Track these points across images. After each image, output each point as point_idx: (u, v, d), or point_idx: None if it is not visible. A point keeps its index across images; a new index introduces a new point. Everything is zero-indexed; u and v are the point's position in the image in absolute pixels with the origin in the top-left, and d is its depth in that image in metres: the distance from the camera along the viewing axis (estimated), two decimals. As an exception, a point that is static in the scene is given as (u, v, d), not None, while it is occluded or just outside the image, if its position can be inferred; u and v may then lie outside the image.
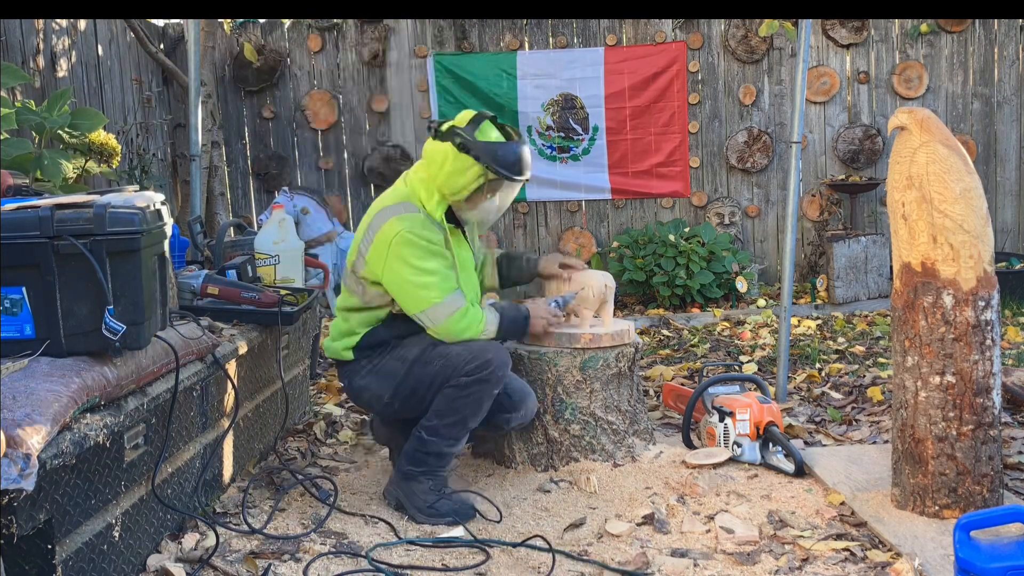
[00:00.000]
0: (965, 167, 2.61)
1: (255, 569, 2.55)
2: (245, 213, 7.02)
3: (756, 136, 6.90)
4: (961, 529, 2.21)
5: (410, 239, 2.89)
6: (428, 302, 2.91)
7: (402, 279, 2.91)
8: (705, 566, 2.55)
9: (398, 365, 3.01)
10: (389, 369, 3.03)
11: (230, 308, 3.32)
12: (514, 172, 2.96)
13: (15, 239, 2.13)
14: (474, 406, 2.93)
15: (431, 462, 2.97)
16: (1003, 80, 6.87)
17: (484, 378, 2.89)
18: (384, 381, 3.04)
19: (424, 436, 2.96)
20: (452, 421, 2.93)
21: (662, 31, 6.81)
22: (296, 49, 6.95)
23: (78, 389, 2.05)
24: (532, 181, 6.88)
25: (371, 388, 3.07)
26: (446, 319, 2.92)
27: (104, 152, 3.80)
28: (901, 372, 2.72)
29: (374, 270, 2.96)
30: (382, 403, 3.08)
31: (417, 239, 2.89)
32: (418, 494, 2.96)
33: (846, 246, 6.19)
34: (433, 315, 2.92)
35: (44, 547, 1.99)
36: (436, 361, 2.95)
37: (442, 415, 2.94)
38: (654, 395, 4.31)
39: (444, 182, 2.96)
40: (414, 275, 2.90)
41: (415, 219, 2.93)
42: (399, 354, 3.03)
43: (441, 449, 2.96)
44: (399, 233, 2.89)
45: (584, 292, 3.27)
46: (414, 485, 2.97)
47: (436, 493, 2.96)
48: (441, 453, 2.97)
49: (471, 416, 2.95)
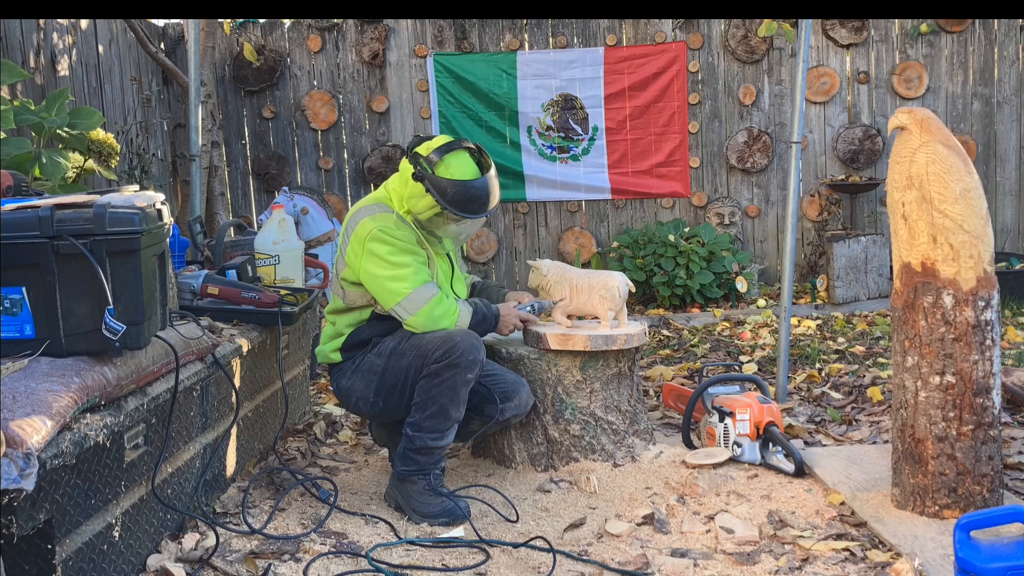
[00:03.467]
0: (965, 167, 2.61)
1: (255, 569, 2.55)
2: (245, 213, 7.02)
3: (756, 136, 6.90)
4: (961, 529, 2.21)
5: (381, 236, 2.98)
6: (401, 294, 2.97)
7: (376, 275, 2.99)
8: (705, 566, 2.55)
9: (377, 361, 3.07)
10: (370, 366, 3.08)
11: (230, 308, 3.32)
12: (463, 211, 3.02)
13: (15, 239, 2.13)
14: (450, 393, 2.92)
15: (420, 460, 2.97)
16: (1003, 80, 6.87)
17: (453, 362, 2.91)
18: (367, 379, 3.08)
19: (409, 432, 2.98)
20: (431, 412, 2.94)
21: (662, 31, 6.81)
22: (296, 49, 6.95)
23: (78, 389, 2.05)
24: (532, 181, 6.90)
25: (357, 388, 3.11)
26: (420, 308, 2.98)
27: (104, 152, 3.80)
28: (901, 372, 2.72)
29: (353, 269, 3.05)
30: (368, 403, 3.11)
31: (388, 236, 2.99)
32: (413, 495, 2.97)
33: (846, 246, 6.19)
34: (408, 305, 2.98)
35: (44, 547, 1.99)
36: (409, 352, 3.00)
37: (422, 407, 2.95)
38: (654, 395, 4.31)
39: (406, 201, 3.08)
40: (387, 269, 2.97)
41: (387, 218, 3.03)
42: (378, 350, 3.09)
43: (426, 443, 2.95)
44: (371, 231, 2.99)
45: (607, 293, 3.27)
46: (409, 486, 2.99)
47: (431, 492, 2.96)
48: (427, 448, 2.96)
49: (450, 404, 2.94)
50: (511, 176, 6.88)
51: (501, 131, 6.87)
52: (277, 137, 7.04)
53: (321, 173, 7.06)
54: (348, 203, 7.05)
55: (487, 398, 3.10)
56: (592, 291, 3.28)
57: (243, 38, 6.81)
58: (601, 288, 3.27)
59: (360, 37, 6.89)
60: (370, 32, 6.86)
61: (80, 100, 5.08)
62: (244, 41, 6.63)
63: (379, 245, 2.98)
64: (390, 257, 2.97)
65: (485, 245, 7.04)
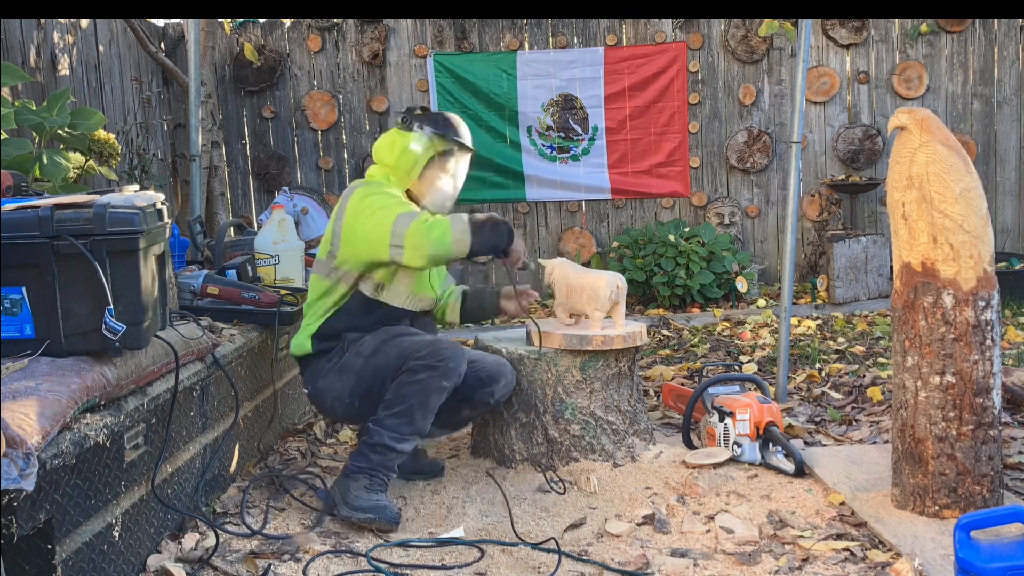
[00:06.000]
0: (965, 167, 2.61)
1: (255, 569, 2.55)
2: (245, 213, 7.02)
3: (756, 136, 6.90)
4: (961, 529, 2.21)
5: (372, 191, 3.04)
6: (389, 220, 2.90)
7: (367, 219, 2.95)
8: (705, 566, 2.55)
9: (356, 361, 3.03)
10: (348, 366, 3.04)
11: (230, 308, 3.32)
12: (458, 136, 3.16)
13: (15, 239, 2.13)
14: (421, 395, 2.87)
15: (373, 458, 2.88)
16: (1003, 80, 6.87)
17: (433, 365, 2.88)
18: (343, 379, 3.03)
19: (371, 427, 2.92)
20: (398, 410, 2.88)
21: (662, 31, 6.81)
22: (296, 49, 6.95)
23: (78, 389, 2.05)
24: (532, 181, 6.90)
25: (333, 388, 3.05)
26: (408, 228, 2.86)
27: (104, 152, 3.80)
28: (901, 372, 2.72)
29: (349, 237, 3.01)
30: (344, 404, 3.06)
31: (379, 190, 3.04)
32: (351, 488, 2.87)
33: (846, 246, 6.19)
34: (397, 231, 2.87)
35: (44, 547, 1.99)
36: (391, 351, 2.97)
37: (390, 404, 2.91)
38: (654, 395, 4.31)
39: (396, 163, 3.11)
40: (376, 209, 2.95)
41: (379, 184, 3.09)
42: (356, 350, 3.04)
43: (384, 441, 2.87)
44: (363, 192, 3.03)
45: (593, 294, 3.27)
46: (351, 481, 2.89)
47: (369, 490, 2.87)
48: (383, 447, 2.87)
49: (418, 408, 2.88)
50: (511, 176, 6.88)
51: (501, 131, 6.87)
52: (277, 137, 7.05)
53: (321, 173, 7.06)
54: (348, 203, 7.04)
55: (474, 385, 3.09)
56: (582, 291, 3.30)
57: (243, 38, 6.81)
58: (589, 288, 3.28)
59: (360, 37, 6.89)
60: (370, 32, 6.86)
61: (80, 100, 5.08)
62: (244, 41, 6.64)
63: (371, 198, 2.99)
64: (379, 200, 2.97)
65: (485, 245, 7.03)
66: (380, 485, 2.89)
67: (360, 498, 2.85)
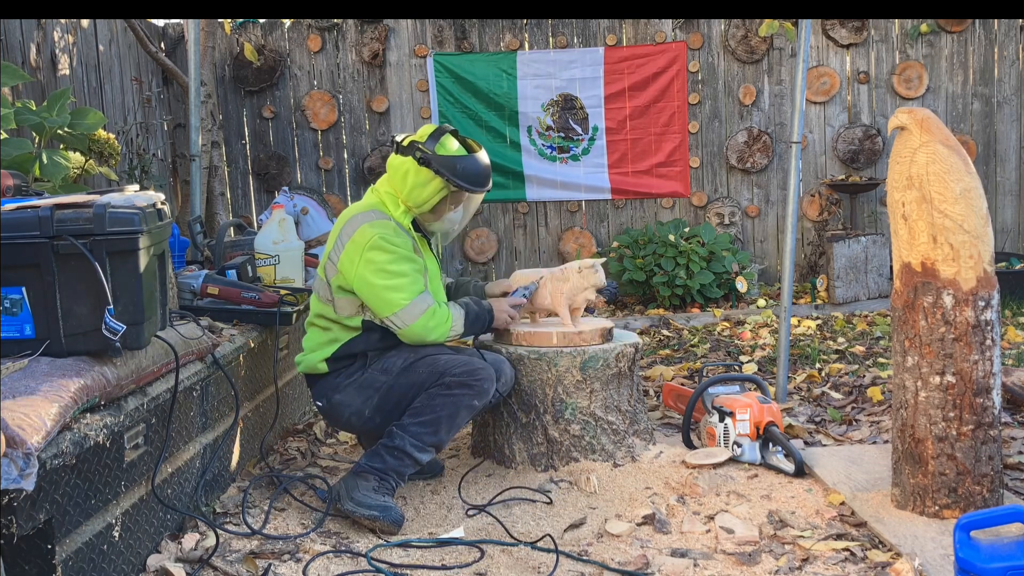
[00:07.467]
0: (965, 167, 2.61)
1: (255, 569, 2.55)
2: (245, 213, 7.02)
3: (756, 136, 6.90)
4: (961, 529, 2.21)
5: (382, 244, 2.96)
6: (398, 304, 2.96)
7: (372, 283, 2.96)
8: (705, 566, 2.55)
9: (382, 377, 3.02)
10: (370, 382, 3.03)
11: (230, 308, 3.32)
12: (474, 184, 3.06)
13: (15, 239, 2.13)
14: (451, 408, 2.92)
15: (388, 461, 2.90)
16: (1003, 80, 6.86)
17: (469, 383, 2.93)
18: (364, 395, 3.03)
19: (394, 430, 2.94)
20: (426, 419, 2.91)
21: (662, 31, 6.81)
22: (296, 49, 6.95)
23: (78, 389, 2.05)
24: (532, 181, 6.90)
25: (352, 404, 3.06)
26: (415, 320, 2.97)
27: (105, 152, 3.80)
28: (901, 372, 2.72)
29: (345, 276, 3.01)
30: (363, 418, 3.06)
31: (388, 244, 2.96)
32: (360, 487, 2.88)
33: (846, 246, 6.19)
34: (403, 316, 2.97)
35: (44, 547, 1.99)
36: (422, 369, 2.98)
37: (418, 412, 2.93)
38: (654, 395, 4.31)
39: (408, 195, 3.06)
40: (384, 279, 2.95)
41: (387, 225, 3.01)
42: (382, 367, 3.04)
43: (405, 446, 2.90)
44: (371, 239, 2.96)
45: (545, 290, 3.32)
46: (359, 480, 2.89)
47: (376, 492, 2.87)
48: (403, 452, 2.90)
49: (446, 420, 2.92)
50: (511, 176, 6.88)
51: (501, 131, 6.87)
52: (277, 137, 7.05)
53: (321, 173, 7.06)
54: (348, 203, 7.04)
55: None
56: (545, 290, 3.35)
57: (243, 38, 6.81)
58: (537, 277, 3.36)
59: (360, 37, 6.89)
60: (370, 32, 6.86)
61: (80, 100, 5.08)
62: (244, 41, 6.63)
63: (378, 253, 2.95)
64: (389, 266, 2.95)
65: (485, 245, 7.04)
66: (388, 489, 2.91)
67: (367, 497, 2.86)
